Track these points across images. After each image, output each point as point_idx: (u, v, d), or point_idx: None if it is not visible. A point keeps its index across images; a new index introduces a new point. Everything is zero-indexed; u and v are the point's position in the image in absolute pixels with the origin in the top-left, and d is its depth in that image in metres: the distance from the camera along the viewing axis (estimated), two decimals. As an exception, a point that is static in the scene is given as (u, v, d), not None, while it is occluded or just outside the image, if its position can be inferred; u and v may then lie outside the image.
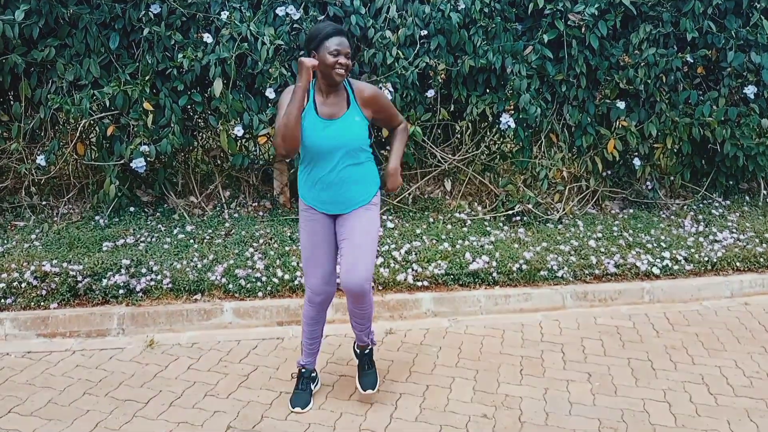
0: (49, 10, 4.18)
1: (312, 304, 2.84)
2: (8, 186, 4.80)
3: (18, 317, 3.60)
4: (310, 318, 2.88)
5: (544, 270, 4.17)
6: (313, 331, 2.91)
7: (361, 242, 2.68)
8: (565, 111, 4.88)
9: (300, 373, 2.96)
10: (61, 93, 4.38)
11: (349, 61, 2.59)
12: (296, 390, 2.93)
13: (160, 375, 3.19)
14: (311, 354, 2.96)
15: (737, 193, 5.53)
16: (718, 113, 4.93)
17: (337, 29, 2.60)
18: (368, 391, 2.89)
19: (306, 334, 2.93)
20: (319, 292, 2.80)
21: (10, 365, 3.28)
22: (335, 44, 2.56)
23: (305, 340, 2.94)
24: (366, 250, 2.67)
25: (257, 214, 4.77)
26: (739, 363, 3.35)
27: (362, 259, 2.65)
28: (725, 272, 4.42)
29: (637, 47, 4.78)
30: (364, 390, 2.90)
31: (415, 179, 5.06)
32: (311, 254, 2.78)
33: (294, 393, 2.92)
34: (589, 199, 5.20)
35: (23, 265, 3.87)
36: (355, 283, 2.64)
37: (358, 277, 2.63)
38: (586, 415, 2.86)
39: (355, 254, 2.66)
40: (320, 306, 2.85)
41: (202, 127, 5.02)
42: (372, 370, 2.98)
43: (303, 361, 2.97)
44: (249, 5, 4.46)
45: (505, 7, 4.63)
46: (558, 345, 3.57)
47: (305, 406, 2.87)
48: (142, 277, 3.86)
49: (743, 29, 4.88)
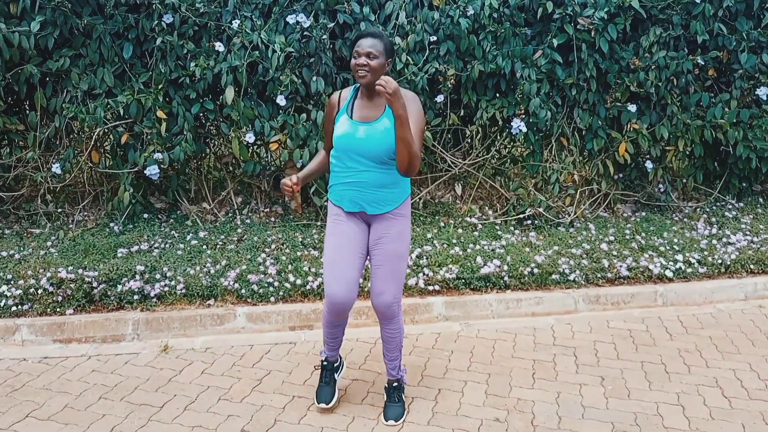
0: (64, 21, 4.26)
1: (330, 312, 2.76)
2: (24, 194, 4.87)
3: (35, 323, 3.65)
4: (329, 323, 2.84)
5: (555, 274, 4.17)
6: (332, 332, 2.89)
7: (388, 267, 2.70)
8: (576, 114, 4.88)
9: (323, 366, 2.97)
10: (75, 102, 4.45)
11: (369, 60, 2.55)
12: (320, 384, 2.94)
13: (175, 379, 3.22)
14: (333, 349, 2.95)
15: (750, 195, 5.49)
16: (730, 115, 4.91)
17: (365, 32, 2.62)
18: (390, 421, 2.83)
19: (326, 334, 2.90)
20: (338, 300, 2.66)
21: (27, 370, 3.33)
22: (358, 47, 2.58)
23: (326, 338, 2.92)
24: (394, 271, 2.71)
25: (269, 220, 4.81)
26: (754, 366, 3.33)
27: (393, 282, 2.71)
28: (739, 275, 4.39)
29: (647, 50, 4.77)
30: (386, 420, 2.84)
31: (426, 184, 5.08)
32: (334, 258, 2.69)
33: (318, 387, 2.94)
34: (600, 202, 5.18)
35: (39, 272, 3.92)
36: (383, 304, 2.71)
37: (383, 301, 2.71)
38: (599, 418, 2.86)
39: (381, 279, 2.70)
40: (338, 315, 2.75)
41: (215, 135, 5.07)
42: (399, 404, 2.88)
43: (326, 353, 2.96)
44: (260, 14, 4.51)
45: (514, 12, 4.65)
46: (570, 348, 3.56)
47: (330, 400, 2.88)
48: (156, 283, 3.90)
49: (755, 31, 4.86)
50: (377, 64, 2.57)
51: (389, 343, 2.85)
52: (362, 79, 2.58)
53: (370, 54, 2.56)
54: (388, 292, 2.70)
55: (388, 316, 2.75)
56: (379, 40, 2.59)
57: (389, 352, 2.88)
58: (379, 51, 2.57)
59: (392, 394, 2.91)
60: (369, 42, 2.57)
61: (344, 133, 2.65)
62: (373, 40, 2.58)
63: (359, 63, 2.56)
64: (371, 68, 2.56)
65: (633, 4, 4.57)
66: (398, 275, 2.72)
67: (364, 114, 2.67)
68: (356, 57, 2.58)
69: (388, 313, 2.74)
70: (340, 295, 2.66)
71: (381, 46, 2.58)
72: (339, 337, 2.92)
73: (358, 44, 2.58)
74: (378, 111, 2.67)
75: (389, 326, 2.81)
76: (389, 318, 2.77)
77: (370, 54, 2.56)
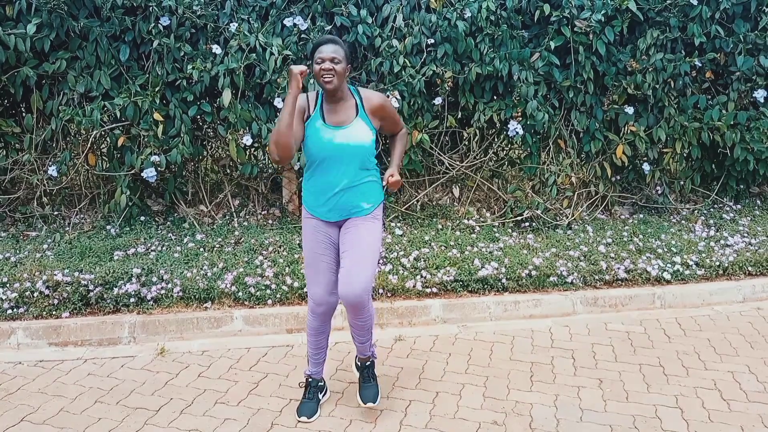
0: (60, 24, 4.25)
1: (315, 315, 2.81)
2: (20, 196, 4.85)
3: (30, 326, 3.63)
4: (314, 329, 2.86)
5: (553, 276, 4.16)
6: (317, 341, 2.89)
7: (360, 254, 2.66)
8: (573, 117, 4.88)
9: (307, 383, 2.96)
10: (72, 105, 4.44)
11: (332, 65, 2.59)
12: (303, 399, 2.93)
13: (171, 383, 3.21)
14: (317, 364, 2.95)
15: (748, 197, 5.50)
16: (727, 117, 4.91)
17: (324, 39, 2.65)
18: (369, 404, 2.86)
19: (311, 344, 2.91)
20: (321, 302, 2.77)
21: (22, 374, 3.31)
22: (319, 53, 2.62)
23: (311, 350, 2.93)
24: (365, 261, 2.65)
25: (266, 223, 4.80)
26: (752, 368, 3.32)
27: (360, 270, 2.63)
28: (737, 277, 4.38)
29: (644, 52, 4.78)
30: (364, 403, 2.87)
31: (423, 186, 5.07)
32: (313, 263, 2.76)
33: (301, 402, 2.92)
34: (598, 205, 5.18)
35: (35, 275, 3.90)
36: (353, 294, 2.61)
37: (355, 289, 2.61)
38: (597, 421, 2.85)
39: (353, 266, 2.64)
40: (323, 316, 2.82)
41: (212, 137, 5.07)
42: (373, 383, 2.96)
43: (309, 371, 2.96)
44: (257, 16, 4.51)
45: (512, 14, 4.65)
46: (568, 351, 3.55)
47: (311, 415, 2.87)
48: (152, 286, 3.88)
49: (752, 33, 4.87)
50: (341, 68, 2.62)
51: (360, 329, 2.83)
52: (329, 84, 2.62)
53: (333, 59, 2.60)
54: (357, 281, 2.61)
55: (359, 307, 2.67)
56: (340, 46, 2.64)
57: (359, 336, 2.87)
58: (342, 56, 2.62)
59: (365, 373, 2.96)
60: (331, 48, 2.62)
61: (323, 140, 2.66)
62: (334, 46, 2.62)
63: (324, 68, 2.60)
64: (336, 73, 2.61)
65: (630, 6, 4.57)
66: (368, 265, 2.66)
67: (337, 119, 2.70)
68: (320, 62, 2.61)
69: (358, 304, 2.65)
70: (323, 296, 2.76)
71: (342, 52, 2.63)
72: (324, 347, 2.93)
73: (320, 50, 2.62)
74: (349, 113, 2.71)
75: (360, 316, 2.74)
76: (360, 308, 2.68)
77: (334, 59, 2.61)
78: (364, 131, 2.69)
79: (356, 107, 2.72)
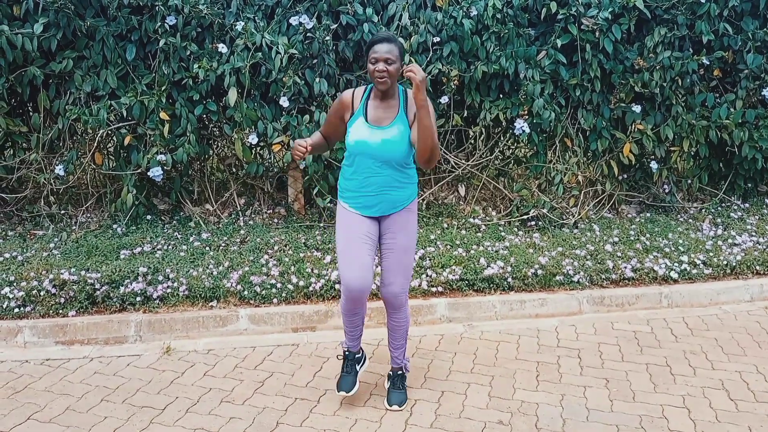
0: (67, 23, 4.26)
1: (348, 299, 2.79)
2: (27, 195, 4.87)
3: (37, 325, 3.65)
4: (348, 310, 2.85)
5: (559, 275, 4.14)
6: (352, 321, 2.90)
7: (398, 258, 2.82)
8: (580, 115, 4.86)
9: (345, 356, 2.98)
10: (79, 104, 4.45)
11: (387, 66, 2.61)
12: (342, 373, 2.96)
13: (177, 381, 3.21)
14: (354, 339, 2.97)
15: (756, 196, 5.46)
16: (735, 115, 4.88)
17: (379, 37, 2.66)
18: (394, 406, 2.92)
19: (346, 323, 2.92)
20: (354, 287, 2.71)
21: (29, 372, 3.32)
22: (374, 52, 2.63)
23: (346, 327, 2.94)
24: (407, 264, 2.84)
25: (272, 222, 4.80)
26: (761, 368, 3.30)
27: (398, 275, 2.83)
28: (745, 276, 4.35)
29: (651, 50, 4.75)
30: (390, 405, 2.93)
31: (429, 185, 5.06)
32: (347, 246, 2.75)
33: (340, 376, 2.95)
34: (605, 203, 5.15)
35: (42, 274, 3.92)
36: (391, 296, 2.85)
37: (393, 291, 2.84)
38: (603, 421, 2.83)
39: (396, 268, 2.82)
40: (357, 301, 2.79)
41: (218, 136, 5.07)
42: (402, 390, 2.98)
43: (346, 344, 2.99)
44: (263, 15, 4.51)
45: (518, 12, 4.63)
46: (575, 350, 3.53)
47: (350, 389, 2.89)
48: (158, 285, 3.89)
49: (760, 30, 4.83)
50: (395, 69, 2.63)
51: (396, 332, 2.96)
52: (382, 85, 2.65)
53: (387, 60, 2.62)
54: (396, 282, 2.83)
55: (396, 305, 2.88)
56: (394, 44, 2.64)
57: (395, 341, 2.97)
58: (396, 56, 2.63)
59: (396, 382, 3.00)
60: (385, 47, 2.62)
61: (362, 139, 2.72)
62: (389, 45, 2.62)
63: (378, 69, 2.62)
64: (390, 74, 2.63)
65: (637, 4, 4.54)
66: (406, 267, 2.85)
67: (378, 116, 2.73)
68: (374, 63, 2.63)
69: (396, 303, 2.87)
70: (356, 280, 2.71)
71: (396, 51, 2.64)
72: (359, 326, 2.94)
73: (374, 50, 2.63)
74: (391, 113, 2.73)
75: (396, 315, 2.92)
76: (397, 307, 2.89)
77: (388, 60, 2.62)
78: (401, 130, 2.71)
79: (398, 107, 2.74)
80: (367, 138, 2.70)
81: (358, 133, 2.72)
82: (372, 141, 2.70)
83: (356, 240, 2.76)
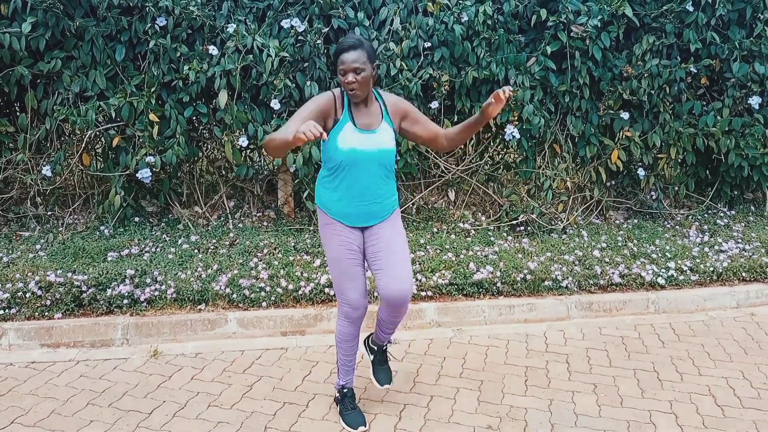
0: (56, 23, 4.23)
1: (350, 320, 2.73)
2: (14, 196, 4.82)
3: (22, 327, 3.60)
4: (348, 335, 2.77)
5: (548, 280, 4.16)
6: (351, 347, 2.81)
7: (401, 253, 2.66)
8: (569, 122, 4.89)
9: (343, 395, 2.87)
10: (67, 104, 4.41)
11: (357, 77, 2.48)
12: (348, 412, 2.83)
13: (164, 385, 3.19)
14: (350, 371, 2.87)
15: (742, 203, 5.52)
16: (722, 123, 4.93)
17: (345, 45, 2.50)
18: (385, 386, 2.91)
19: (344, 352, 2.82)
20: (358, 306, 2.69)
21: (13, 375, 3.28)
22: (341, 63, 2.50)
23: (344, 359, 2.83)
24: (405, 261, 2.67)
25: (261, 224, 4.78)
26: (747, 374, 3.33)
27: (406, 269, 2.65)
28: (731, 282, 4.40)
29: (640, 58, 4.80)
30: (381, 385, 2.93)
31: (419, 189, 5.07)
32: (347, 269, 2.67)
33: (347, 415, 2.83)
34: (593, 209, 5.19)
35: (28, 275, 3.88)
36: (403, 293, 2.62)
37: (405, 287, 2.62)
38: (591, 426, 2.84)
39: (398, 265, 2.63)
40: (358, 321, 2.75)
41: (207, 138, 5.05)
42: (386, 366, 2.99)
43: (344, 381, 2.87)
44: (254, 18, 4.50)
45: (508, 19, 4.66)
46: (563, 356, 3.55)
47: (366, 422, 2.81)
48: (146, 287, 3.86)
49: (747, 40, 4.90)
50: (364, 78, 2.50)
51: (392, 326, 2.81)
52: (355, 98, 2.55)
53: (356, 69, 2.48)
54: (407, 279, 2.63)
55: (404, 307, 2.67)
56: (361, 49, 2.50)
57: (388, 331, 2.84)
58: (364, 62, 2.49)
59: (381, 357, 2.98)
60: (352, 56, 2.48)
61: (354, 145, 2.56)
62: (355, 53, 2.48)
63: (348, 81, 2.50)
64: (360, 84, 2.51)
65: (626, 12, 4.59)
66: (408, 265, 2.68)
67: (365, 121, 2.61)
68: (343, 74, 2.50)
69: (406, 301, 2.65)
70: (359, 300, 2.69)
71: (364, 56, 2.50)
72: (356, 352, 2.85)
73: (341, 60, 2.49)
74: (377, 116, 2.63)
75: (400, 312, 2.71)
76: (404, 308, 2.68)
77: (357, 69, 2.48)
78: (390, 136, 2.63)
79: (381, 111, 2.65)
80: (360, 144, 2.56)
81: (349, 140, 2.55)
82: (366, 146, 2.57)
83: (353, 260, 2.67)
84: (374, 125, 2.62)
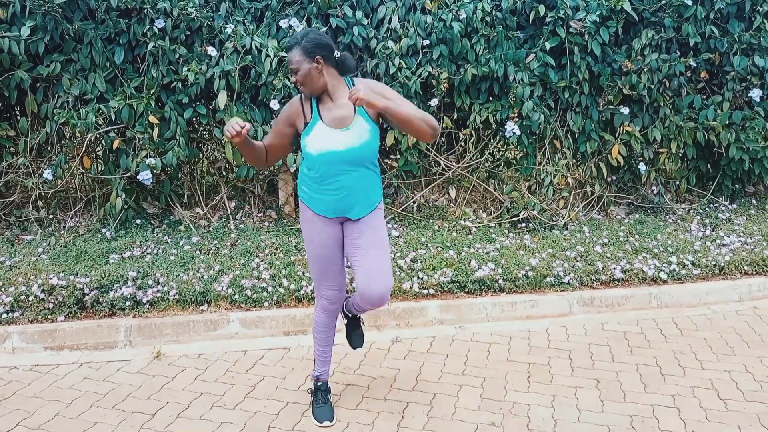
0: (55, 26, 4.23)
1: (327, 312, 2.81)
2: (15, 200, 4.83)
3: (25, 330, 3.62)
4: (325, 325, 2.84)
5: (550, 276, 4.16)
6: (327, 337, 2.87)
7: (379, 252, 2.61)
8: (569, 117, 4.89)
9: (317, 387, 2.92)
10: (67, 107, 4.42)
11: (296, 76, 2.52)
12: (318, 405, 2.88)
13: (167, 386, 3.19)
14: (326, 363, 2.90)
15: (743, 197, 5.51)
16: (722, 117, 4.92)
17: (287, 46, 2.59)
18: (357, 348, 3.01)
19: (320, 343, 2.87)
20: (335, 300, 2.78)
21: (17, 378, 3.29)
22: (289, 63, 2.57)
23: (320, 349, 2.88)
24: (385, 259, 2.62)
25: (263, 225, 4.79)
26: (749, 367, 3.32)
27: (385, 269, 2.61)
28: (733, 276, 4.39)
29: (639, 53, 4.79)
30: (354, 348, 3.01)
31: (420, 187, 5.07)
32: (325, 266, 2.71)
33: (316, 408, 2.86)
34: (594, 205, 5.18)
35: (30, 279, 3.89)
36: (380, 294, 2.59)
37: (383, 289, 2.60)
38: (594, 422, 2.84)
39: (377, 265, 2.59)
40: (335, 312, 2.84)
41: (207, 139, 5.05)
42: (360, 330, 3.03)
43: (318, 372, 2.90)
44: (252, 18, 4.50)
45: (507, 15, 4.65)
46: (565, 351, 3.55)
47: (333, 418, 2.84)
48: (148, 289, 3.87)
49: (746, 33, 4.89)
50: (303, 75, 2.51)
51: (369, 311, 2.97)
52: (306, 94, 2.59)
53: (296, 70, 2.53)
54: (385, 280, 2.59)
55: (383, 303, 2.64)
56: (295, 48, 2.51)
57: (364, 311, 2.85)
58: (298, 60, 2.50)
59: (355, 321, 3.02)
60: (289, 57, 2.55)
61: (326, 145, 2.54)
62: (290, 53, 2.53)
63: (294, 81, 2.57)
64: (303, 82, 2.54)
65: (625, 6, 4.58)
66: (389, 262, 2.65)
67: (336, 116, 2.57)
68: (292, 75, 2.59)
69: (386, 300, 2.64)
70: (337, 294, 2.78)
71: (298, 54, 2.50)
72: (332, 343, 2.90)
73: (288, 62, 2.57)
74: (349, 108, 2.58)
75: (378, 307, 2.75)
76: (382, 304, 2.65)
77: (294, 69, 2.53)
78: (365, 128, 2.56)
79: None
80: (333, 145, 2.53)
81: (320, 140, 2.54)
82: (338, 147, 2.53)
83: (332, 256, 2.70)
84: (347, 120, 2.55)
